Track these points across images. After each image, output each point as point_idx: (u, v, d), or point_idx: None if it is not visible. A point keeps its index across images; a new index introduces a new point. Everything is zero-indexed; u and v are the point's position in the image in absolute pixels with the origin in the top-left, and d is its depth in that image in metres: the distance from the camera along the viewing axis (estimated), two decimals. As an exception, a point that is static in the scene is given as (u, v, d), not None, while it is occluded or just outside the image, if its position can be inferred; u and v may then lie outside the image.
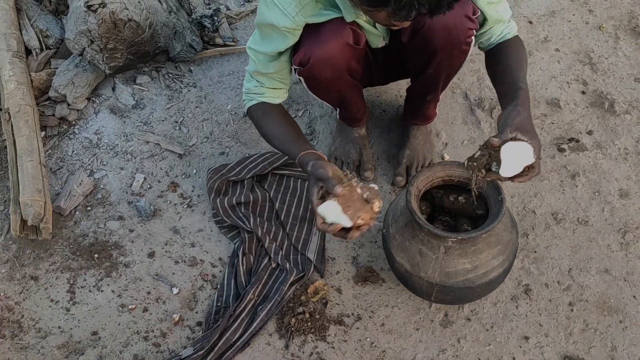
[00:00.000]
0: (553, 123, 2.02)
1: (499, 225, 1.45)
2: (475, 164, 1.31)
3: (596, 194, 1.86)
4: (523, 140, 1.27)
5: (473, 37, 1.52)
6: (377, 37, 1.59)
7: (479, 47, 1.61)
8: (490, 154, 1.29)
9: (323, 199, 1.34)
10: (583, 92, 2.09)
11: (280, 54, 1.54)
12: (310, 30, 1.48)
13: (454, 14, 1.33)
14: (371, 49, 1.65)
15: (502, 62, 1.50)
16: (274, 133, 1.60)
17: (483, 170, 1.31)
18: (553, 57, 2.18)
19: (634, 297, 1.66)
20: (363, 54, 1.62)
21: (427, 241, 1.44)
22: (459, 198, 1.54)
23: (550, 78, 2.12)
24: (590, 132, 1.99)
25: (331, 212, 1.30)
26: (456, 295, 1.49)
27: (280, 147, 1.59)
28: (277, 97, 1.64)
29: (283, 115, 1.64)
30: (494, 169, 1.30)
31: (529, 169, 1.30)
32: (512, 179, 1.31)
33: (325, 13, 1.46)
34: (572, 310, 1.65)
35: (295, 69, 1.56)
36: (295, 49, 1.53)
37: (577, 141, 1.97)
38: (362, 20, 1.51)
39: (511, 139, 1.26)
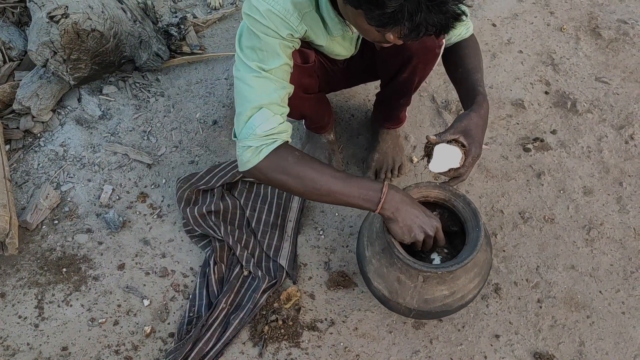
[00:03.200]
0: (518, 123, 2.06)
1: None
2: (424, 150, 1.41)
3: (561, 192, 1.89)
4: (463, 144, 1.35)
5: (444, 40, 1.55)
6: (345, 51, 1.57)
7: None
8: (432, 146, 1.38)
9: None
10: (546, 93, 2.13)
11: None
12: None
13: None
14: (330, 58, 1.65)
15: (461, 65, 1.52)
16: (330, 172, 1.35)
17: (427, 158, 1.40)
18: (517, 59, 2.23)
19: (600, 292, 1.70)
20: (315, 68, 1.61)
21: (405, 270, 1.41)
22: (433, 213, 1.52)
23: (515, 79, 2.16)
24: (554, 132, 2.03)
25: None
26: (433, 316, 1.50)
27: (343, 184, 1.34)
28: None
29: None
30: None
31: (454, 171, 1.38)
32: (442, 173, 1.41)
33: (321, 31, 1.39)
34: (540, 307, 1.67)
35: None
36: None
37: (542, 141, 2.01)
38: (342, 36, 1.47)
39: (449, 141, 1.35)
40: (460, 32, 1.56)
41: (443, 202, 1.47)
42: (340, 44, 1.51)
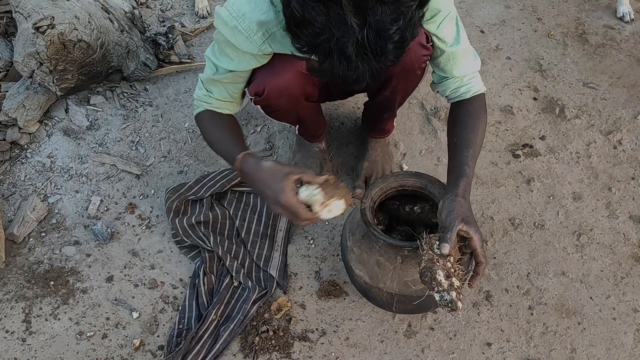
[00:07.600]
0: (507, 130, 2.06)
1: None
2: (453, 283, 1.26)
3: (551, 198, 1.90)
4: (468, 232, 1.28)
5: (427, 62, 1.53)
6: None
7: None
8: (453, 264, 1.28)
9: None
10: (535, 99, 2.14)
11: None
12: None
13: None
14: None
15: (456, 134, 1.45)
16: (216, 137, 1.53)
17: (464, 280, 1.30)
18: (505, 65, 2.23)
19: (591, 298, 1.70)
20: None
21: (384, 252, 1.45)
22: (414, 208, 1.56)
23: (503, 85, 2.17)
24: (543, 138, 2.04)
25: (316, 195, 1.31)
26: (416, 307, 1.50)
27: (221, 149, 1.52)
28: (224, 108, 1.55)
29: (229, 123, 1.56)
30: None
31: (477, 265, 1.32)
32: (469, 284, 1.33)
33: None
34: (531, 314, 1.67)
35: (251, 99, 1.54)
36: (250, 78, 1.50)
37: (531, 147, 2.01)
38: None
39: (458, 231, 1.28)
40: (456, 88, 1.49)
41: (421, 191, 1.49)
42: None
